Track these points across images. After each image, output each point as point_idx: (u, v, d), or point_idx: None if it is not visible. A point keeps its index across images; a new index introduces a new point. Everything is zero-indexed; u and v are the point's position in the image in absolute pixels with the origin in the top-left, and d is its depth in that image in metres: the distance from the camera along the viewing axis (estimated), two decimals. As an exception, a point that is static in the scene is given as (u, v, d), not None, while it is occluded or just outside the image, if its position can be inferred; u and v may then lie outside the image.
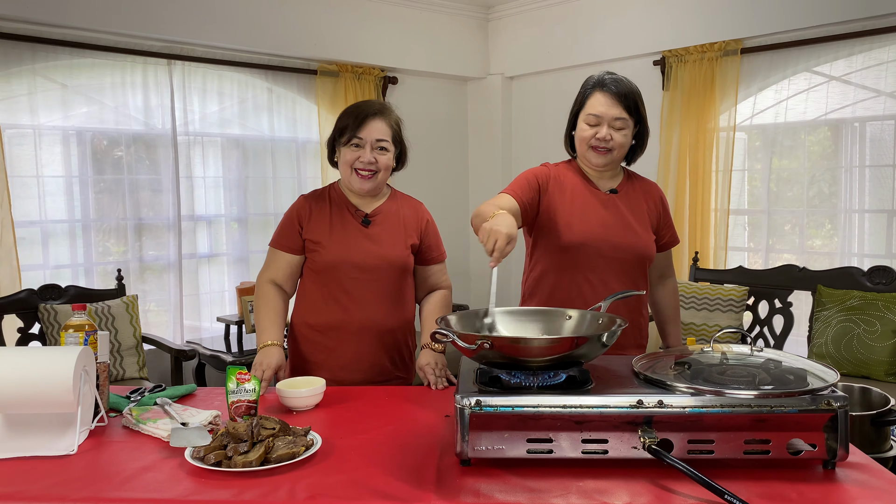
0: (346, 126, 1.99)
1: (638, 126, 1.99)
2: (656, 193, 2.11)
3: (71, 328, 1.65)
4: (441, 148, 5.33)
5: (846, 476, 1.28)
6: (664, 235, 2.11)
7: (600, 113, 1.92)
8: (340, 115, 2.04)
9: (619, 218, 1.99)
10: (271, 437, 1.38)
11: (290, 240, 2.04)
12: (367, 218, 2.04)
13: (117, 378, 3.40)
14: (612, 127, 1.93)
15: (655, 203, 2.09)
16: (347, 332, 2.00)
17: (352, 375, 2.01)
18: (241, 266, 4.47)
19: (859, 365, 3.26)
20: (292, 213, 2.06)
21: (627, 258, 1.98)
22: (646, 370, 1.40)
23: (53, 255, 3.78)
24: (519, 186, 1.96)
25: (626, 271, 1.98)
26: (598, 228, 1.96)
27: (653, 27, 4.44)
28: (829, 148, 3.94)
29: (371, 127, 1.98)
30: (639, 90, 1.98)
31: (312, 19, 4.46)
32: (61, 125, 3.74)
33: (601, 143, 1.94)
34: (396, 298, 2.04)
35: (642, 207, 2.05)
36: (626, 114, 1.93)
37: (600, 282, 1.96)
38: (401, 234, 2.06)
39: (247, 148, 4.43)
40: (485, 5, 5.22)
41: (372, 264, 1.99)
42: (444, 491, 1.23)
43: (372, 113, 1.99)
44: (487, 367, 1.43)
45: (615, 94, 1.92)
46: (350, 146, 1.99)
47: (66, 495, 1.25)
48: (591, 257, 1.95)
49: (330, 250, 1.99)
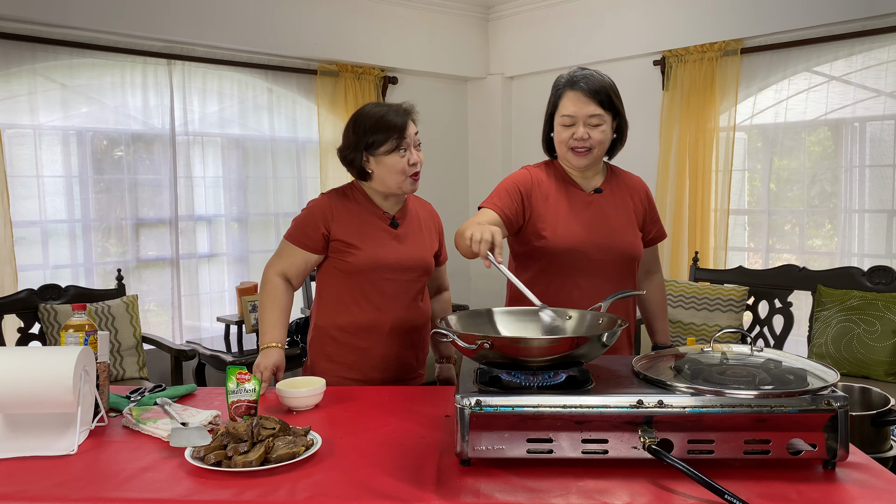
0: (386, 135, 1.92)
1: (616, 120, 1.94)
2: (641, 188, 2.08)
3: (71, 328, 1.65)
4: (441, 148, 5.33)
5: (846, 476, 1.27)
6: (650, 231, 2.09)
7: (574, 112, 1.89)
8: (369, 126, 1.95)
9: (605, 219, 1.97)
10: (271, 437, 1.38)
11: (312, 238, 1.99)
12: (395, 220, 2.04)
13: (117, 378, 3.40)
14: (588, 125, 1.88)
15: (641, 199, 2.06)
16: (380, 333, 2.00)
17: (383, 375, 2.02)
18: (241, 266, 4.47)
19: (859, 365, 3.26)
20: (316, 211, 2.00)
21: (616, 259, 1.96)
22: (646, 370, 1.40)
23: (53, 255, 3.78)
24: (500, 198, 1.92)
25: (615, 272, 1.96)
26: (583, 232, 1.93)
27: (653, 27, 4.44)
28: (829, 148, 3.94)
29: (410, 128, 1.97)
30: (612, 83, 1.93)
31: (312, 19, 4.46)
32: (61, 125, 3.74)
33: (579, 143, 1.89)
34: (420, 297, 2.08)
35: (628, 205, 2.02)
36: (601, 109, 1.88)
37: (591, 285, 1.93)
38: (425, 236, 2.09)
39: (247, 148, 4.43)
40: (485, 5, 5.22)
41: (405, 265, 2.00)
42: (444, 491, 1.23)
43: (407, 114, 1.97)
44: (487, 367, 1.43)
45: (587, 91, 1.87)
46: (397, 153, 1.93)
47: (66, 495, 1.25)
48: (579, 261, 1.93)
49: (363, 252, 1.97)
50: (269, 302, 1.98)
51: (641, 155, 4.62)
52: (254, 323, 3.84)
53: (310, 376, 1.90)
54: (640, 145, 4.63)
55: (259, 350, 1.96)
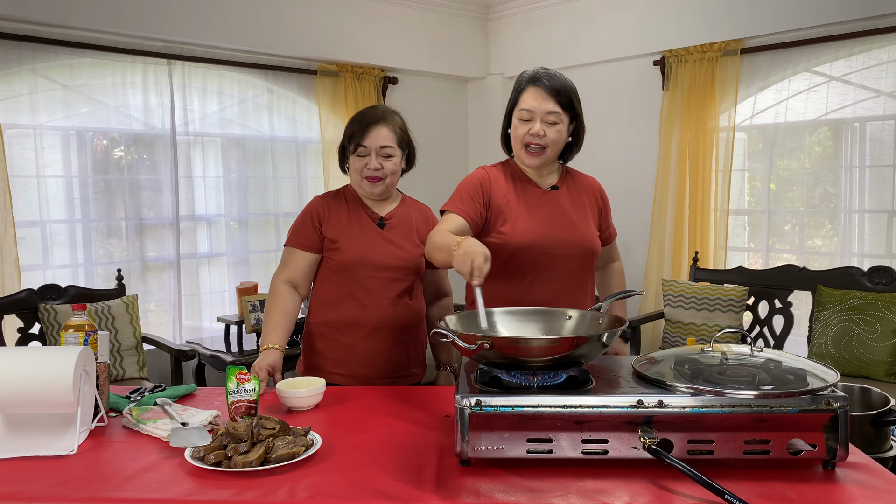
0: (352, 134, 2.04)
1: (574, 123, 1.96)
2: (596, 188, 2.10)
3: (71, 328, 1.65)
4: (441, 148, 5.33)
5: (846, 476, 1.27)
6: (604, 230, 2.11)
7: (532, 108, 1.90)
8: (348, 122, 2.09)
9: (563, 214, 1.98)
10: (271, 437, 1.38)
11: (309, 238, 2.06)
12: (383, 220, 2.09)
13: (117, 378, 3.40)
14: (545, 122, 1.90)
15: (596, 198, 2.08)
16: (364, 329, 2.04)
17: (369, 371, 2.05)
18: (241, 266, 4.47)
19: (859, 365, 3.26)
20: (310, 212, 2.09)
21: (576, 254, 1.97)
22: (646, 370, 1.40)
23: (53, 255, 3.78)
24: (462, 202, 1.93)
25: (574, 267, 1.97)
26: (542, 227, 1.94)
27: (653, 27, 4.44)
28: (830, 148, 3.94)
29: (375, 134, 2.02)
30: (573, 86, 1.95)
31: (312, 19, 4.46)
32: (62, 125, 3.74)
33: (534, 139, 1.90)
34: (410, 296, 2.10)
35: (584, 202, 2.04)
36: (560, 108, 1.89)
37: (551, 279, 1.94)
38: (414, 238, 2.11)
39: (247, 148, 4.43)
40: (485, 5, 5.22)
41: (390, 264, 2.05)
42: (444, 491, 1.23)
43: (374, 120, 2.03)
44: (487, 367, 1.43)
45: (548, 88, 1.89)
46: (357, 154, 2.04)
47: (66, 495, 1.25)
48: (539, 256, 1.93)
49: (349, 249, 2.03)
50: (272, 306, 2.04)
51: (641, 155, 4.63)
52: (254, 323, 3.84)
53: (310, 376, 1.91)
54: (640, 145, 4.64)
55: (259, 351, 1.98)
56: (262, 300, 3.85)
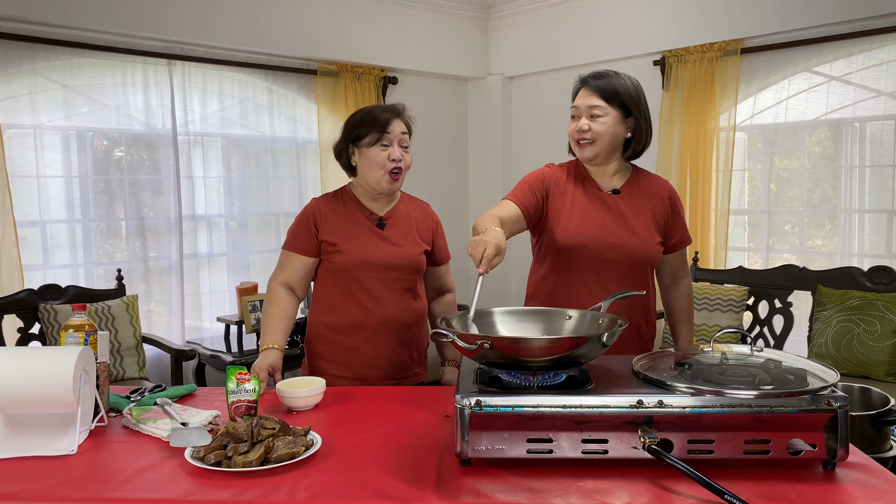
0: (369, 128, 2.01)
1: (629, 118, 1.96)
2: (665, 191, 2.06)
3: (71, 328, 1.66)
4: (441, 148, 5.33)
5: (846, 476, 1.28)
6: (673, 236, 2.07)
7: (578, 105, 1.97)
8: (357, 120, 2.06)
9: (620, 219, 1.97)
10: (271, 437, 1.38)
11: (305, 242, 2.06)
12: (382, 220, 2.09)
13: (117, 378, 3.40)
14: (589, 116, 1.94)
15: (664, 202, 2.04)
16: (367, 330, 2.04)
17: (373, 372, 2.05)
18: (242, 266, 4.47)
19: (859, 365, 3.26)
20: (306, 216, 2.08)
21: (627, 260, 1.96)
22: (646, 370, 1.40)
23: (54, 255, 3.78)
24: (521, 191, 1.97)
25: (625, 274, 1.96)
26: (595, 230, 1.95)
27: (653, 27, 4.44)
28: (830, 148, 3.94)
29: (396, 126, 2.03)
30: (627, 84, 1.95)
31: (312, 19, 4.46)
32: (62, 125, 3.74)
33: (580, 134, 1.95)
34: (412, 296, 2.11)
35: (647, 207, 2.01)
36: (604, 102, 1.92)
37: (597, 284, 1.94)
38: (414, 237, 2.11)
39: (247, 148, 4.43)
40: (485, 5, 5.22)
41: (390, 264, 2.04)
42: (444, 491, 1.23)
43: (396, 113, 2.04)
44: (487, 367, 1.43)
45: (593, 86, 1.95)
46: (378, 146, 2.01)
47: (66, 495, 1.25)
48: (588, 259, 1.94)
49: (347, 252, 2.03)
50: (270, 308, 2.04)
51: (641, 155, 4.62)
52: (254, 323, 3.84)
53: (310, 376, 1.92)
54: (640, 145, 4.64)
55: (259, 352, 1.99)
56: (262, 300, 3.84)
